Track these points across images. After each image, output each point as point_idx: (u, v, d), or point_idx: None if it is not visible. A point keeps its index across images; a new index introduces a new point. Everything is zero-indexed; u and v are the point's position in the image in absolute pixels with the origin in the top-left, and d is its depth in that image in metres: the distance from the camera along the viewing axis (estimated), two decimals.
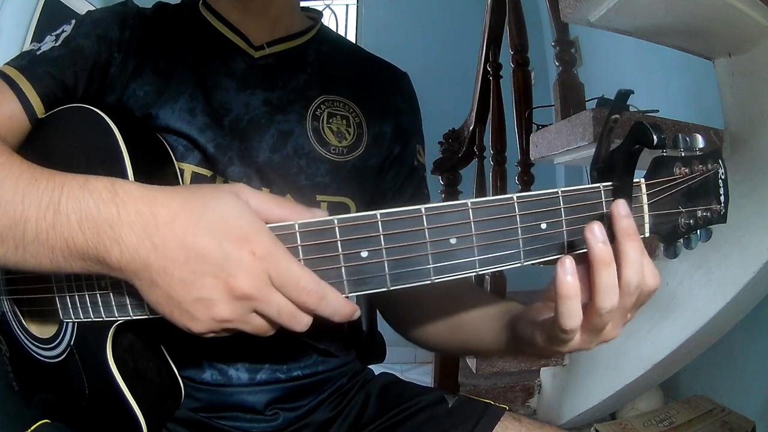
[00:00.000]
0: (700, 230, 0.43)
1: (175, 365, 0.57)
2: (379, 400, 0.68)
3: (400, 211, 0.39)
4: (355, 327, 0.89)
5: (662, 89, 1.95)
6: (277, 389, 0.64)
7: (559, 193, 0.40)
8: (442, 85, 2.67)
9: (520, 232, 0.40)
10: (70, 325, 0.52)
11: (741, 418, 1.40)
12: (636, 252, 0.39)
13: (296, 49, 0.68)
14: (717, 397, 1.51)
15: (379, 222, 0.39)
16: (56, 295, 0.51)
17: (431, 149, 1.03)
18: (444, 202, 0.41)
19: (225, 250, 0.37)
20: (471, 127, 1.96)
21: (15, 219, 0.39)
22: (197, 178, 0.59)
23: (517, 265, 0.40)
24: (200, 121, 0.60)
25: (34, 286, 0.54)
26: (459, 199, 0.40)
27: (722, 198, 0.44)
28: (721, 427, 1.38)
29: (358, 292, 0.40)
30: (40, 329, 0.57)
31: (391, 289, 0.39)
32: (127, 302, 0.46)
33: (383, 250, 0.39)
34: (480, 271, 0.40)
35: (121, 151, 0.48)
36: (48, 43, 0.59)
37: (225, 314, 0.38)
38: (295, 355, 0.66)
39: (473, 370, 1.66)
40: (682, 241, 0.43)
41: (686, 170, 0.42)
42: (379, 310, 0.78)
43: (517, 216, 0.40)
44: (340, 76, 0.69)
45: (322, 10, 0.76)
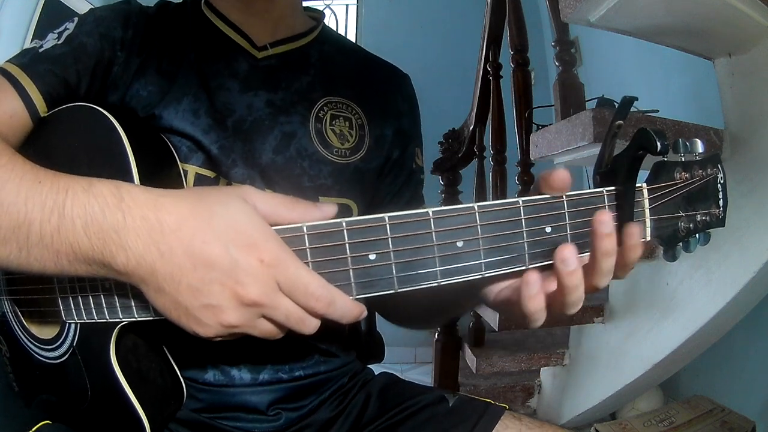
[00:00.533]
0: (699, 234, 0.44)
1: (178, 366, 0.57)
2: (379, 400, 0.68)
3: (408, 214, 0.39)
4: (355, 327, 0.89)
5: (662, 89, 1.95)
6: (279, 389, 0.64)
7: (564, 197, 0.41)
8: (442, 85, 2.67)
9: (525, 235, 0.40)
10: (73, 326, 0.52)
11: (741, 418, 1.41)
12: (610, 265, 0.40)
13: (299, 50, 0.68)
14: (717, 397, 1.51)
15: (387, 225, 0.39)
16: (59, 297, 0.51)
17: (431, 149, 1.03)
18: (444, 202, 0.41)
19: (233, 257, 0.37)
20: (471, 127, 1.95)
21: (19, 221, 0.39)
22: (200, 180, 0.59)
23: (522, 268, 0.41)
24: (204, 122, 0.60)
25: (35, 287, 0.54)
26: (459, 200, 0.40)
27: (721, 202, 0.44)
28: (721, 427, 1.38)
29: (365, 295, 0.40)
30: (40, 330, 0.57)
31: (398, 291, 0.40)
32: (132, 304, 0.46)
33: (391, 252, 0.39)
34: (486, 274, 0.40)
35: (126, 150, 0.48)
36: (50, 41, 0.58)
37: (233, 320, 0.38)
38: (297, 356, 0.66)
39: (473, 370, 1.66)
40: (682, 244, 0.44)
41: (686, 175, 0.43)
42: None
43: (523, 220, 0.40)
44: (342, 78, 0.69)
45: (323, 10, 0.76)
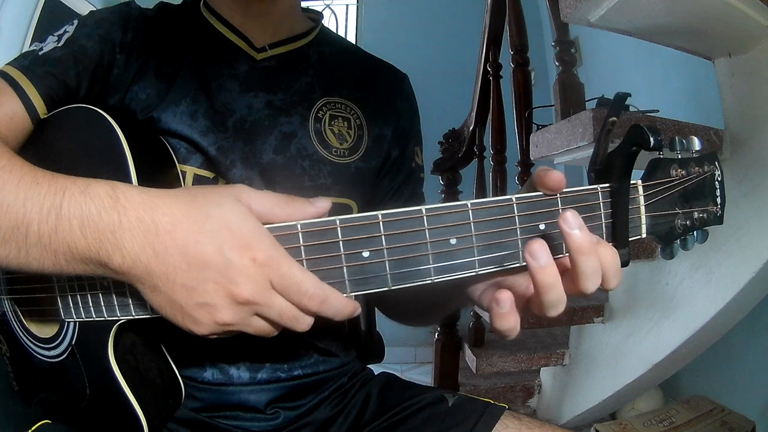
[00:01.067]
0: (696, 231, 0.44)
1: (176, 365, 0.57)
2: (379, 399, 0.68)
3: (401, 211, 0.39)
4: (354, 327, 0.89)
5: (662, 89, 1.95)
6: (277, 388, 0.64)
7: (558, 195, 0.40)
8: (442, 85, 2.67)
9: (519, 232, 0.40)
10: (71, 324, 0.52)
11: (741, 418, 1.40)
12: (592, 265, 0.38)
13: (298, 51, 0.68)
14: (717, 397, 1.51)
15: (381, 222, 0.39)
16: (58, 295, 0.51)
17: (431, 149, 1.03)
18: (444, 202, 0.41)
19: (226, 257, 0.37)
20: (471, 127, 1.95)
21: (17, 222, 0.40)
22: (199, 180, 0.60)
23: (516, 265, 0.41)
24: (202, 124, 0.60)
25: (34, 286, 0.54)
26: (459, 199, 0.40)
27: (718, 199, 0.44)
28: (721, 427, 1.38)
29: (359, 292, 0.40)
30: (40, 329, 0.57)
31: (392, 288, 0.40)
32: (130, 302, 0.46)
33: (384, 250, 0.39)
34: (480, 272, 0.40)
35: (124, 152, 0.48)
36: (50, 44, 0.59)
37: (227, 318, 0.39)
38: (296, 355, 0.66)
39: (473, 370, 1.66)
40: (679, 242, 0.44)
41: (683, 172, 0.42)
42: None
43: (516, 217, 0.40)
44: (341, 78, 0.69)
45: (322, 10, 0.76)
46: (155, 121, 0.59)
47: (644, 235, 0.42)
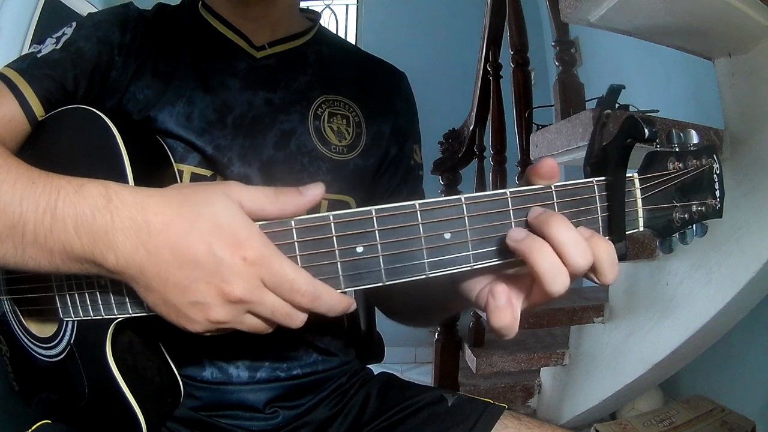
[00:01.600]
0: (695, 225, 0.43)
1: (175, 364, 0.57)
2: (379, 399, 0.68)
3: (394, 206, 0.39)
4: (354, 326, 0.89)
5: (662, 89, 1.95)
6: (277, 388, 0.64)
7: (552, 188, 0.40)
8: (442, 85, 2.67)
9: (514, 226, 0.40)
10: (70, 323, 0.52)
11: (741, 418, 1.40)
12: (565, 232, 0.37)
13: (297, 50, 0.69)
14: (717, 397, 1.51)
15: (374, 218, 0.39)
16: (56, 294, 0.51)
17: (431, 149, 1.03)
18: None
19: (217, 257, 0.37)
20: (471, 127, 1.95)
21: (14, 221, 0.40)
22: (196, 179, 0.60)
23: (512, 259, 0.40)
24: (199, 123, 0.60)
25: (33, 285, 0.54)
26: None
27: (717, 193, 0.43)
28: (721, 427, 1.38)
29: (353, 287, 0.40)
30: (39, 328, 0.57)
31: (386, 283, 0.39)
32: (126, 300, 0.46)
33: (378, 245, 0.39)
34: (475, 266, 0.40)
35: (121, 152, 0.49)
36: (48, 46, 0.59)
37: (220, 317, 0.39)
38: (295, 354, 0.66)
39: (473, 370, 1.66)
40: (678, 236, 0.43)
41: (680, 165, 0.42)
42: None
43: (511, 211, 0.40)
44: (339, 76, 0.70)
45: (322, 10, 0.76)
46: (152, 120, 0.59)
47: (642, 229, 0.42)
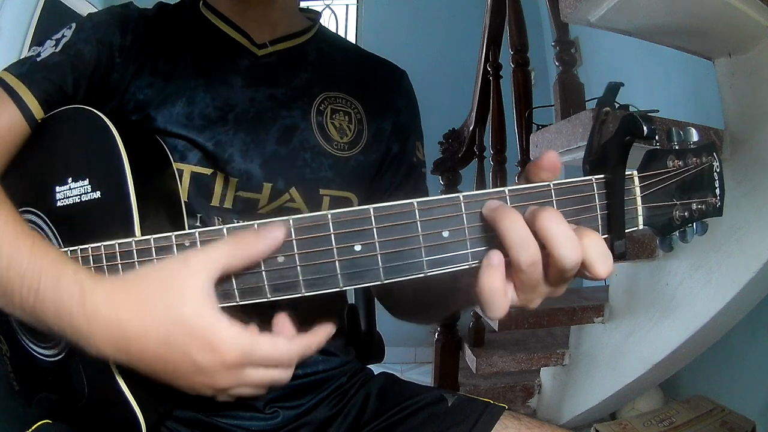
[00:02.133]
0: (695, 223, 0.43)
1: None
2: (379, 399, 0.68)
3: (392, 205, 0.39)
4: (354, 326, 0.89)
5: (662, 89, 1.94)
6: (277, 388, 0.64)
7: (551, 186, 0.40)
8: (442, 85, 2.67)
9: None
10: None
11: (741, 418, 1.40)
12: (555, 225, 0.36)
13: (298, 48, 0.69)
14: (717, 397, 1.51)
15: (372, 216, 0.39)
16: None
17: (431, 149, 1.03)
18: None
19: (197, 364, 0.40)
20: (471, 127, 1.95)
21: (3, 287, 0.44)
22: (196, 178, 0.60)
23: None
24: (199, 121, 0.60)
25: None
26: None
27: (717, 191, 0.43)
28: (721, 427, 1.38)
29: (352, 286, 0.40)
30: None
31: (385, 282, 0.39)
32: None
33: (376, 243, 0.39)
34: (473, 264, 0.40)
35: (120, 152, 0.49)
36: (48, 49, 0.59)
37: (212, 393, 0.43)
38: None
39: (473, 370, 1.66)
40: (678, 234, 0.43)
41: (680, 163, 0.42)
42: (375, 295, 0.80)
43: None
44: (340, 74, 0.70)
45: (322, 10, 0.77)
46: (153, 119, 0.59)
47: (641, 226, 0.42)
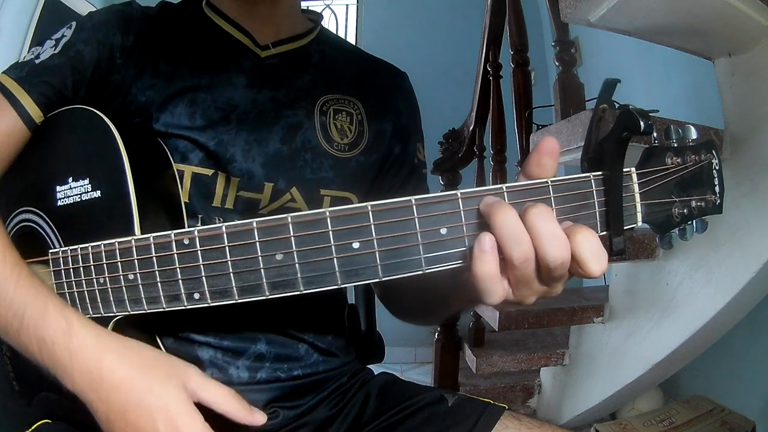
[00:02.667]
0: (695, 221, 0.43)
1: None
2: (379, 399, 0.68)
3: (390, 202, 0.39)
4: (354, 327, 0.89)
5: (662, 89, 1.95)
6: (277, 388, 0.64)
7: (549, 183, 0.40)
8: (442, 85, 2.67)
9: None
10: None
11: (741, 418, 1.40)
12: (544, 222, 0.37)
13: (300, 50, 0.69)
14: (717, 397, 1.51)
15: (370, 213, 0.39)
16: (55, 293, 0.51)
17: (431, 149, 1.03)
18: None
19: None
20: (471, 127, 1.95)
21: None
22: (197, 179, 0.60)
23: None
24: (199, 122, 0.60)
25: None
26: None
27: (717, 188, 0.43)
28: (721, 427, 1.38)
29: (350, 284, 0.40)
30: None
31: (383, 279, 0.39)
32: (125, 297, 0.46)
33: (374, 240, 0.39)
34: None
35: (121, 152, 0.49)
36: (47, 50, 0.58)
37: None
38: (296, 355, 0.66)
39: (473, 370, 1.66)
40: (677, 231, 0.43)
41: (678, 160, 0.42)
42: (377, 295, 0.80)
43: None
44: (342, 76, 0.70)
45: (322, 11, 0.77)
46: (154, 120, 0.59)
47: (640, 224, 0.41)
